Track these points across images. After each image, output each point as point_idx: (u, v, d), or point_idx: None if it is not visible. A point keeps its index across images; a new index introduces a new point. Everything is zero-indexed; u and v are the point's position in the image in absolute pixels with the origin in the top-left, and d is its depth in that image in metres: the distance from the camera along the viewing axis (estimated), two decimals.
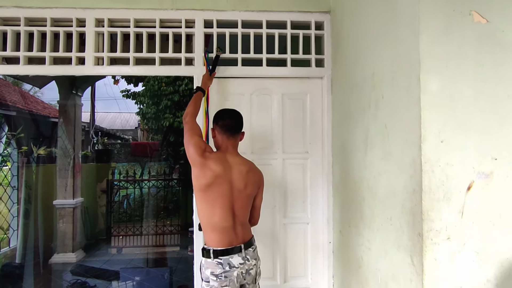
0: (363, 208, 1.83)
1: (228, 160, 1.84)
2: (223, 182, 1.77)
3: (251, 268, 1.81)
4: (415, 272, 1.28)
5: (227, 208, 1.77)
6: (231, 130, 1.89)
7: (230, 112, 1.95)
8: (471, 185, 1.23)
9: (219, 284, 1.70)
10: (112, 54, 2.36)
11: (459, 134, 1.24)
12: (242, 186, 1.82)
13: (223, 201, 1.76)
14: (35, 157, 5.11)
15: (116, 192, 5.88)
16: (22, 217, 4.48)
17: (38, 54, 2.33)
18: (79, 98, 5.12)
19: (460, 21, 1.26)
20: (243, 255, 1.77)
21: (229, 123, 1.89)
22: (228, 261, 1.73)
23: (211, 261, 1.73)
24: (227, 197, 1.77)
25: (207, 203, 1.77)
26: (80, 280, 3.94)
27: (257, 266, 1.87)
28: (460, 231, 1.23)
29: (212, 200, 1.76)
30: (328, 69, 2.44)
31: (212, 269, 1.72)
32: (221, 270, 1.71)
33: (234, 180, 1.81)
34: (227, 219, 1.77)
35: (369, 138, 1.75)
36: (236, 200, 1.81)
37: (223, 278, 1.70)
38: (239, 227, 1.81)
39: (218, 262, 1.72)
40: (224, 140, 1.88)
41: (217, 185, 1.76)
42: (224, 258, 1.73)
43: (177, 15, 2.37)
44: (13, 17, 2.32)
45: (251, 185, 1.87)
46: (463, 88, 1.24)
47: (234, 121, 1.90)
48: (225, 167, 1.79)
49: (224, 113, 1.94)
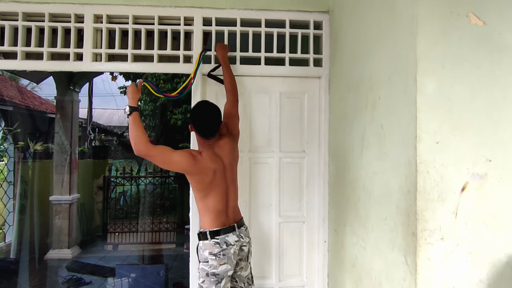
0: (358, 207, 1.84)
1: (216, 153, 1.90)
2: (219, 174, 1.87)
3: (244, 245, 1.91)
4: (408, 271, 1.29)
5: (222, 195, 1.88)
6: (209, 135, 1.88)
7: (206, 117, 1.86)
8: (465, 186, 1.25)
9: (218, 262, 1.78)
10: (110, 51, 2.36)
11: (454, 136, 1.25)
12: (230, 165, 1.95)
13: (219, 189, 1.87)
14: (32, 152, 5.10)
15: (113, 189, 5.86)
16: (18, 212, 4.47)
17: (36, 49, 2.31)
18: (76, 94, 5.11)
19: (457, 23, 1.27)
20: (237, 233, 1.88)
21: (205, 131, 1.87)
22: (224, 239, 1.81)
23: (209, 242, 1.81)
24: (222, 186, 1.88)
25: (207, 194, 1.85)
26: (76, 276, 3.95)
27: (250, 245, 1.97)
28: (453, 231, 1.24)
29: (210, 190, 1.85)
30: (326, 69, 2.44)
31: (210, 249, 1.79)
32: (219, 249, 1.79)
33: (226, 166, 1.92)
34: (222, 203, 1.87)
35: (365, 138, 1.76)
36: (230, 185, 1.93)
37: (222, 256, 1.79)
38: (231, 210, 1.92)
39: (216, 242, 1.80)
40: (204, 140, 1.90)
41: (215, 179, 1.85)
42: (220, 237, 1.81)
43: (176, 13, 2.37)
44: (11, 11, 2.31)
45: (233, 152, 1.99)
46: (459, 90, 1.25)
47: (210, 127, 1.87)
48: (217, 161, 1.88)
49: (199, 118, 1.87)
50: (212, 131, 1.88)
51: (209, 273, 1.77)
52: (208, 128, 1.87)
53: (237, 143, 2.09)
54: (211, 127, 1.88)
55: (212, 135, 1.89)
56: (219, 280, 1.78)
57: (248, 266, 1.99)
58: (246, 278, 1.96)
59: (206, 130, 1.87)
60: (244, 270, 1.94)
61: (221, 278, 1.78)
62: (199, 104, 1.98)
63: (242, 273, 1.93)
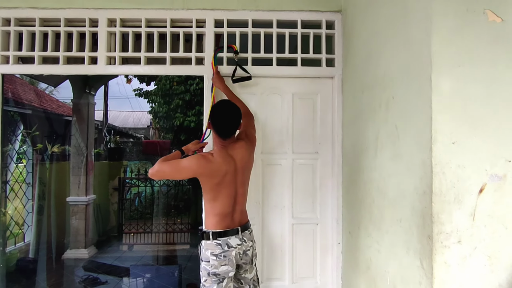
0: (372, 209, 1.81)
1: (230, 154, 1.89)
2: (229, 176, 1.86)
3: (247, 249, 1.90)
4: (424, 275, 1.26)
5: (230, 197, 1.88)
6: (227, 136, 1.87)
7: (225, 117, 1.85)
8: (483, 188, 1.21)
9: (219, 263, 1.79)
10: (123, 54, 2.39)
11: (471, 136, 1.22)
12: (243, 169, 1.93)
13: (228, 191, 1.86)
14: (49, 154, 5.21)
15: (128, 190, 5.94)
16: (36, 213, 4.57)
17: (52, 54, 2.37)
18: (92, 97, 5.19)
19: (474, 20, 1.24)
20: (240, 237, 1.87)
21: (224, 131, 1.86)
22: (226, 241, 1.82)
23: (211, 242, 1.82)
24: (232, 188, 1.88)
25: (215, 196, 1.85)
26: (92, 275, 4.01)
27: (254, 248, 1.96)
28: (471, 234, 1.21)
29: (219, 193, 1.85)
30: (339, 68, 2.42)
31: (212, 250, 1.81)
32: (220, 250, 1.80)
33: (238, 169, 1.91)
34: (230, 206, 1.87)
35: (379, 139, 1.73)
36: (239, 188, 1.92)
37: (222, 258, 1.80)
38: (237, 213, 1.92)
39: (217, 243, 1.81)
40: (221, 141, 1.89)
41: (225, 180, 1.85)
42: (222, 239, 1.82)
43: (188, 15, 2.39)
44: (29, 17, 2.37)
45: (248, 157, 1.98)
46: (476, 89, 1.22)
47: (228, 128, 1.86)
48: (229, 162, 1.87)
49: (219, 117, 1.86)
50: (229, 131, 1.87)
51: (210, 272, 1.79)
52: (226, 128, 1.86)
53: (253, 149, 2.08)
54: (229, 128, 1.87)
55: (229, 135, 1.88)
56: (221, 279, 1.79)
57: (254, 269, 1.98)
58: (252, 280, 1.96)
59: (224, 129, 1.86)
60: (249, 272, 1.94)
61: (222, 278, 1.79)
62: (220, 103, 1.96)
63: (247, 275, 1.94)
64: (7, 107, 4.88)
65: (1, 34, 2.34)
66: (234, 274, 1.87)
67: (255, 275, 2.00)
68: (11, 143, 4.68)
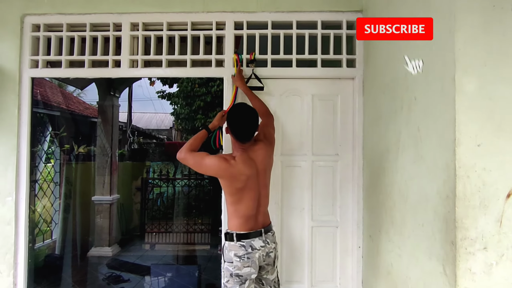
0: (393, 213, 1.77)
1: (251, 157, 1.88)
2: (252, 179, 1.85)
3: (270, 251, 1.90)
4: (447, 282, 1.22)
5: (254, 199, 1.87)
6: (246, 140, 1.86)
7: (243, 121, 1.85)
8: (511, 192, 1.16)
9: (242, 264, 1.79)
10: (146, 57, 2.44)
11: (498, 138, 1.17)
12: (264, 171, 1.93)
13: (252, 194, 1.86)
14: (76, 155, 5.38)
15: (151, 190, 6.05)
16: (63, 211, 4.72)
17: (78, 58, 2.45)
18: (116, 99, 5.33)
19: (501, 17, 1.19)
20: (263, 239, 1.86)
21: (243, 134, 1.85)
22: (250, 243, 1.82)
23: (234, 243, 1.82)
24: (255, 190, 1.87)
25: (238, 199, 1.85)
26: (115, 273, 4.10)
27: (276, 250, 1.96)
28: (498, 240, 1.16)
29: (243, 196, 1.84)
30: (360, 69, 2.38)
31: (236, 251, 1.81)
32: (244, 252, 1.80)
33: (260, 172, 1.90)
34: (253, 208, 1.87)
35: (401, 141, 1.69)
36: (262, 190, 1.91)
37: (246, 259, 1.79)
38: (260, 215, 1.91)
39: (241, 245, 1.81)
40: (240, 144, 1.88)
41: (248, 184, 1.84)
42: (246, 241, 1.82)
43: (208, 18, 2.41)
44: (56, 23, 2.46)
45: (268, 158, 1.98)
46: (503, 89, 1.17)
47: (246, 131, 1.85)
48: (251, 166, 1.86)
49: (236, 121, 1.86)
50: (248, 135, 1.86)
51: (233, 273, 1.79)
52: (245, 131, 1.85)
53: (273, 150, 2.06)
54: (248, 131, 1.86)
55: (248, 139, 1.87)
56: (243, 281, 1.78)
57: (275, 270, 1.97)
58: (273, 281, 1.96)
59: (243, 133, 1.85)
60: (271, 274, 1.94)
61: (244, 280, 1.79)
62: (236, 106, 1.96)
63: (269, 276, 1.93)
64: (37, 109, 5.09)
65: (31, 39, 2.44)
66: None
67: (276, 276, 1.99)
68: (40, 144, 4.87)
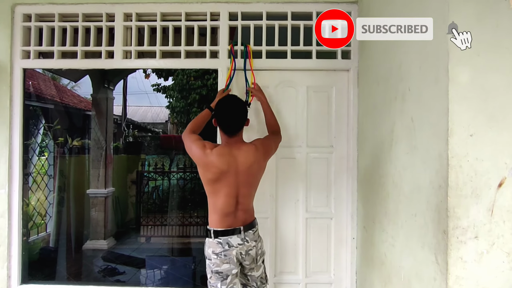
0: (387, 203, 1.78)
1: (233, 154, 1.81)
2: (228, 175, 1.78)
3: (250, 249, 1.85)
4: (439, 271, 1.23)
5: (231, 196, 1.81)
6: (231, 133, 1.84)
7: (229, 113, 1.82)
8: (502, 182, 1.17)
9: (220, 261, 1.78)
10: (139, 48, 2.42)
11: (490, 128, 1.17)
12: (247, 172, 1.83)
13: (228, 190, 1.80)
14: (70, 148, 5.34)
15: (146, 184, 6.04)
16: (57, 204, 4.70)
17: (70, 48, 2.43)
18: (111, 92, 5.28)
19: (494, 7, 1.18)
20: (242, 236, 1.82)
21: (228, 126, 1.83)
22: (227, 240, 1.79)
23: (212, 240, 1.81)
24: (232, 187, 1.80)
25: (213, 191, 1.82)
26: (111, 266, 4.11)
27: (257, 248, 1.90)
28: (489, 229, 1.17)
29: (217, 190, 1.81)
30: (355, 61, 2.37)
31: (213, 248, 1.80)
32: (221, 249, 1.78)
33: (240, 171, 1.81)
34: (231, 205, 1.82)
35: (394, 132, 1.69)
36: (241, 188, 1.83)
37: (223, 257, 1.78)
38: (240, 212, 1.85)
39: (218, 242, 1.79)
40: (226, 137, 1.87)
41: (223, 179, 1.78)
42: (223, 238, 1.79)
43: (202, 8, 2.39)
44: (48, 13, 2.43)
45: (257, 164, 1.86)
46: (496, 79, 1.17)
47: (232, 124, 1.83)
48: (229, 162, 1.78)
49: (223, 113, 1.84)
50: (233, 127, 1.83)
51: (213, 270, 1.78)
52: (230, 123, 1.82)
53: (263, 159, 1.93)
54: (233, 123, 1.82)
55: (233, 132, 1.83)
56: (224, 277, 1.77)
57: (261, 267, 1.94)
58: (259, 278, 1.93)
59: (228, 125, 1.82)
60: (256, 271, 1.91)
61: (226, 275, 1.77)
62: (224, 98, 1.92)
63: (254, 273, 1.90)
64: (30, 102, 5.03)
65: (22, 29, 2.41)
66: (240, 271, 1.86)
67: (263, 272, 1.96)
68: (34, 137, 4.83)
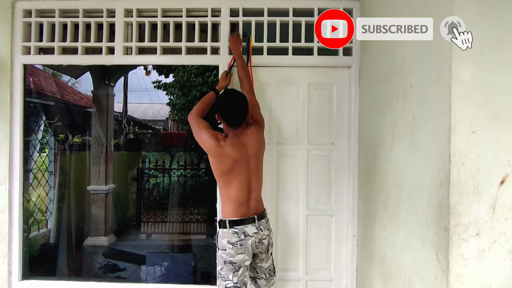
0: (388, 201, 1.77)
1: (242, 142, 1.89)
2: (241, 163, 1.85)
3: (264, 238, 1.89)
4: (440, 268, 1.23)
5: (244, 184, 1.87)
6: (236, 125, 1.87)
7: (232, 108, 1.86)
8: (505, 179, 1.16)
9: (235, 251, 1.79)
10: (140, 44, 2.41)
11: (493, 125, 1.17)
12: (256, 155, 1.92)
13: (241, 179, 1.86)
14: (70, 144, 5.34)
15: (146, 180, 6.04)
16: (57, 201, 4.70)
17: (71, 44, 2.41)
18: (111, 88, 5.27)
19: (498, 4, 1.18)
20: (256, 225, 1.86)
21: (233, 121, 1.86)
22: (243, 230, 1.82)
23: (227, 230, 1.82)
24: (245, 175, 1.87)
25: (227, 182, 1.86)
26: (111, 262, 4.11)
27: (270, 237, 1.95)
28: (491, 227, 1.17)
29: (231, 180, 1.85)
30: (356, 58, 2.36)
31: (229, 238, 1.81)
32: (237, 239, 1.80)
33: (250, 156, 1.89)
34: (244, 194, 1.87)
35: (396, 130, 1.68)
36: (252, 176, 1.90)
37: (239, 246, 1.80)
38: (253, 201, 1.91)
39: (234, 232, 1.82)
40: (231, 129, 1.90)
41: (236, 168, 1.84)
42: (239, 227, 1.82)
43: (204, 4, 2.38)
44: (49, 9, 2.42)
45: (259, 143, 1.96)
46: (499, 77, 1.16)
47: (237, 116, 1.85)
48: (241, 150, 1.86)
49: (226, 107, 1.87)
50: (239, 120, 1.86)
51: (227, 261, 1.80)
52: (235, 117, 1.85)
53: (263, 131, 2.06)
54: (238, 116, 1.86)
55: (239, 124, 1.87)
56: (237, 268, 1.80)
57: (270, 258, 1.99)
58: (268, 269, 1.97)
59: (233, 119, 1.86)
60: (265, 262, 1.94)
61: (238, 267, 1.80)
62: (225, 93, 1.99)
63: (263, 264, 1.94)
64: (31, 99, 5.02)
65: (23, 25, 2.40)
66: (250, 263, 1.87)
67: (271, 264, 2.01)
68: (35, 133, 4.82)
